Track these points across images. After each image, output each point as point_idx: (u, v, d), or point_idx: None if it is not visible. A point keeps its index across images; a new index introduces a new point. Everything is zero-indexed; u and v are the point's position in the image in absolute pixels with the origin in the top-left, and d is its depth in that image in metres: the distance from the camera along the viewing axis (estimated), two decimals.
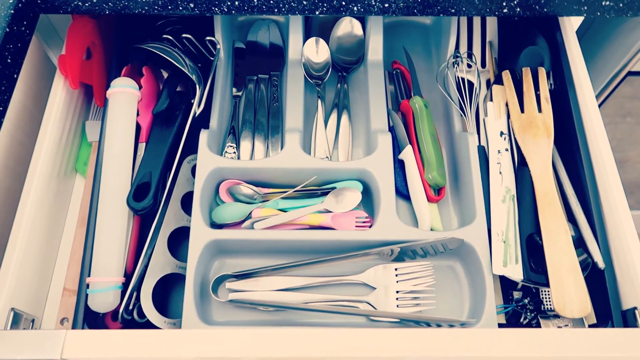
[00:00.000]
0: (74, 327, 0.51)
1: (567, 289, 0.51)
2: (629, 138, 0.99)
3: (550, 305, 0.55)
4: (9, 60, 0.49)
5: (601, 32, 0.77)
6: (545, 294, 0.56)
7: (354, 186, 0.59)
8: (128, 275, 0.54)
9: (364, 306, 0.55)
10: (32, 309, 0.54)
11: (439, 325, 0.52)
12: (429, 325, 0.53)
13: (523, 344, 0.44)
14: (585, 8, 0.58)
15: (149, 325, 0.53)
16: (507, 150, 0.60)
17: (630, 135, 0.98)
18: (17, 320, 0.50)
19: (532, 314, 0.55)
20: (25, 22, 0.52)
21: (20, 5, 0.51)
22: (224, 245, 0.56)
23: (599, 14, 0.58)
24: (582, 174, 0.57)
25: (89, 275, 0.52)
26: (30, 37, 0.53)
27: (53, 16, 0.64)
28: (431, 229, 0.58)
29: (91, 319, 0.52)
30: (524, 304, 0.55)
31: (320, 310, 0.54)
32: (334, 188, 0.59)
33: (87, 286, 0.52)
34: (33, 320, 0.53)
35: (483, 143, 0.62)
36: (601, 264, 0.53)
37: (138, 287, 0.53)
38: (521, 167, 0.59)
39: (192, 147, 0.60)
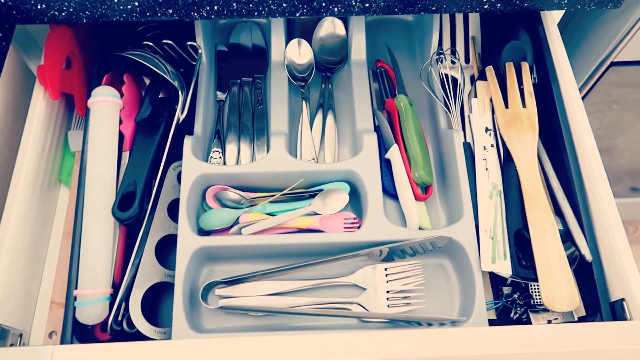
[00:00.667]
0: (62, 340, 0.50)
1: (556, 283, 0.51)
2: (616, 125, 0.99)
3: (539, 299, 0.55)
4: None
5: (583, 24, 0.77)
6: (535, 289, 0.56)
7: (341, 187, 0.59)
8: (116, 286, 0.54)
9: (355, 307, 0.55)
10: (20, 324, 0.53)
11: (430, 324, 0.53)
12: (420, 324, 0.53)
13: (513, 340, 0.45)
14: (566, 1, 0.58)
15: (138, 335, 0.52)
16: (492, 146, 0.60)
17: (617, 122, 0.99)
18: (4, 335, 0.50)
19: (522, 309, 0.55)
20: (1, 34, 0.51)
21: None
22: (212, 251, 0.56)
23: (579, 6, 0.59)
24: (568, 168, 0.57)
25: (76, 288, 0.52)
26: (7, 48, 0.53)
27: (31, 26, 0.64)
28: (420, 228, 0.58)
29: (80, 331, 0.52)
30: (513, 299, 0.55)
31: (311, 314, 0.53)
32: (321, 190, 0.59)
33: (75, 299, 0.51)
34: (21, 335, 0.52)
35: (469, 139, 0.62)
36: (589, 257, 0.53)
37: (126, 297, 0.53)
38: (507, 163, 0.59)
39: (177, 154, 0.59)
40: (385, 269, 0.56)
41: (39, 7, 0.52)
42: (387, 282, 0.56)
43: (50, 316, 0.55)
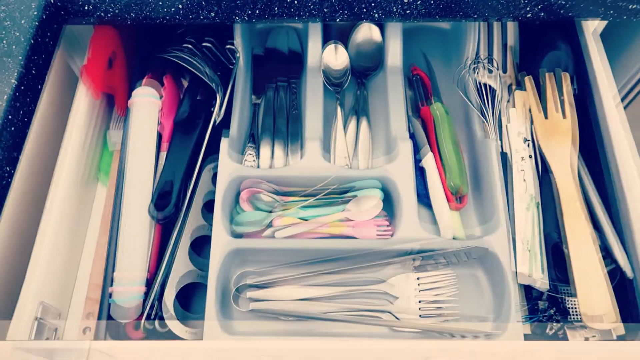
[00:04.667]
0: (96, 336, 0.51)
1: (595, 299, 0.50)
2: None
3: (576, 315, 0.54)
4: (34, 72, 0.50)
5: (623, 35, 0.75)
6: (572, 304, 0.54)
7: (375, 194, 0.59)
8: (150, 284, 0.55)
9: (386, 316, 0.54)
10: (55, 318, 0.54)
11: (463, 336, 0.52)
12: (452, 336, 0.52)
13: (552, 356, 0.44)
14: (611, 12, 0.57)
15: (170, 334, 0.52)
16: (530, 156, 0.59)
17: None
18: (40, 329, 0.50)
19: (558, 325, 0.54)
20: (49, 34, 0.53)
21: (44, 17, 0.51)
22: (245, 254, 0.56)
23: (625, 17, 0.57)
24: (608, 181, 0.56)
25: (111, 284, 0.53)
26: (54, 48, 0.54)
27: (75, 27, 0.65)
28: (453, 237, 0.58)
29: (113, 328, 0.53)
30: (549, 315, 0.54)
31: (342, 320, 0.53)
32: (354, 196, 0.59)
33: (110, 295, 0.52)
34: (56, 330, 0.53)
35: (505, 149, 0.61)
36: (629, 274, 0.52)
37: (160, 296, 0.53)
38: (545, 174, 0.58)
39: (212, 155, 0.60)
40: (418, 278, 0.55)
41: (86, 7, 0.54)
42: (420, 291, 0.55)
43: (84, 312, 0.56)
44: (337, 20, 0.57)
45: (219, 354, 0.44)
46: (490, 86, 0.67)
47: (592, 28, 0.65)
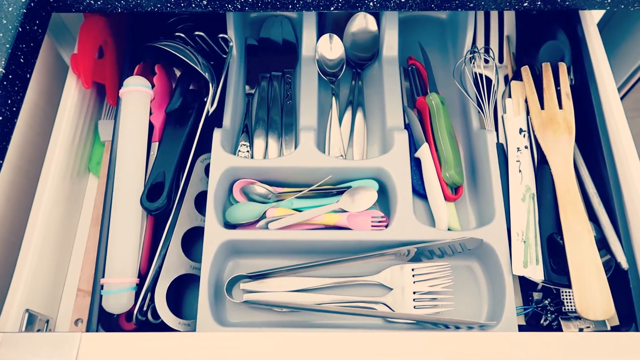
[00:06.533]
0: (88, 328, 0.50)
1: (591, 290, 0.50)
2: None
3: (571, 306, 0.54)
4: (22, 60, 0.49)
5: (622, 25, 0.75)
6: (566, 295, 0.54)
7: (370, 185, 0.58)
8: (142, 276, 0.54)
9: (381, 307, 0.54)
10: (47, 310, 0.53)
11: (457, 328, 0.51)
12: (447, 327, 0.52)
13: (545, 347, 0.43)
14: (609, 1, 0.56)
15: (163, 326, 0.52)
16: (526, 147, 0.59)
17: None
18: (31, 321, 0.50)
19: (553, 316, 0.54)
20: (37, 22, 0.51)
21: (32, 4, 0.50)
22: (238, 245, 0.55)
23: (622, 6, 0.57)
24: (605, 172, 0.56)
25: (103, 276, 0.52)
26: (43, 36, 0.53)
27: (65, 15, 0.64)
28: (449, 229, 0.57)
29: (105, 320, 0.52)
30: (544, 305, 0.54)
31: (336, 312, 0.53)
32: (349, 187, 0.58)
33: (102, 287, 0.51)
34: (47, 321, 0.53)
35: (502, 140, 0.61)
36: (625, 265, 0.52)
37: (152, 288, 0.53)
38: (541, 165, 0.57)
39: (205, 146, 0.59)
40: (413, 269, 0.55)
41: None
42: (414, 282, 0.55)
43: (76, 303, 0.56)
44: (332, 9, 0.56)
45: (212, 345, 0.43)
46: (486, 77, 0.67)
47: (590, 18, 0.64)
